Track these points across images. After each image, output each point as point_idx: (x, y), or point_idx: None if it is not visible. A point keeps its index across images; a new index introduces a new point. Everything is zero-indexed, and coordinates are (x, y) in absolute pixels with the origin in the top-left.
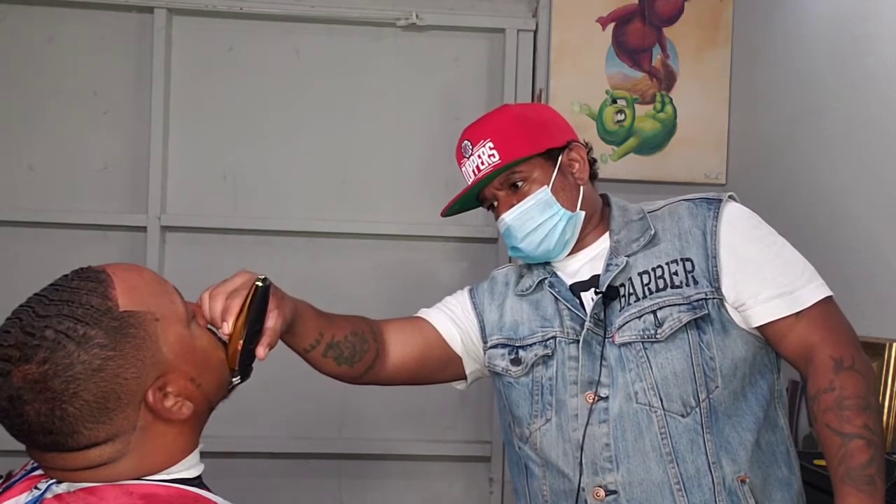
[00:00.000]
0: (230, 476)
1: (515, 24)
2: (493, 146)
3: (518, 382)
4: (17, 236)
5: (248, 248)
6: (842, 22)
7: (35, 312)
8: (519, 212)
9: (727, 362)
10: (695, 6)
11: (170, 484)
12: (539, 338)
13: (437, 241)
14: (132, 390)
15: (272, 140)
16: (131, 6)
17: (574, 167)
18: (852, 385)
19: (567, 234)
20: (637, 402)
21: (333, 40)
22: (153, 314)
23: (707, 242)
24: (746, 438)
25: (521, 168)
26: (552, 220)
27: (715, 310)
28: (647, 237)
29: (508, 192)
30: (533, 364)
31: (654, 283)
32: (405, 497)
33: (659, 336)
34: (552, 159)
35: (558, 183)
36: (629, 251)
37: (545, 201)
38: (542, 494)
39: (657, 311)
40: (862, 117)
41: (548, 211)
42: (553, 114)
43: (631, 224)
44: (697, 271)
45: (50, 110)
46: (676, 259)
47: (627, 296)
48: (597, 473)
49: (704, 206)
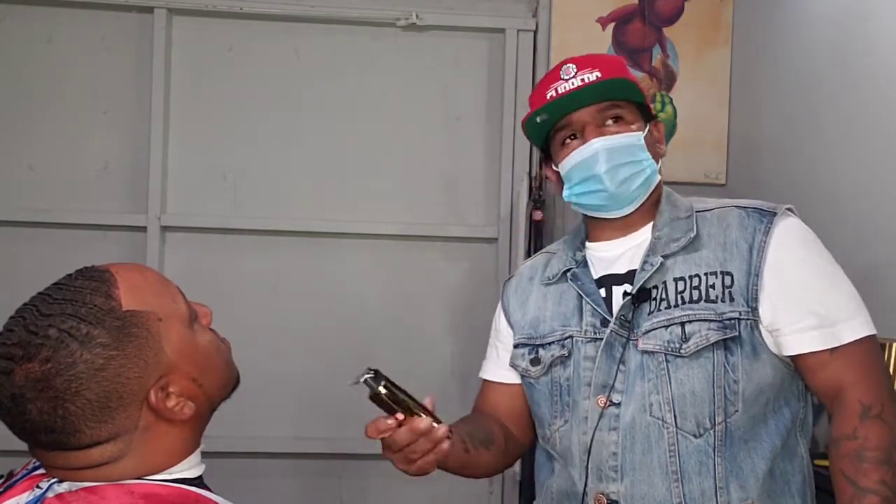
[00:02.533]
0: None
1: (515, 24)
2: (600, 75)
3: (538, 383)
4: (17, 236)
5: (248, 248)
6: (842, 22)
7: (38, 311)
8: (615, 141)
9: (752, 387)
10: (695, 6)
11: (171, 484)
12: (557, 337)
13: (437, 241)
14: (134, 390)
15: (272, 140)
16: (131, 6)
17: (656, 138)
18: (876, 435)
19: (646, 187)
20: (651, 414)
21: (333, 40)
22: (156, 314)
23: (752, 258)
24: (759, 466)
25: (624, 105)
26: (643, 163)
27: (747, 331)
28: (688, 239)
29: (599, 125)
30: (551, 364)
31: (689, 293)
32: (405, 497)
33: (683, 351)
34: (645, 118)
35: (648, 140)
36: (667, 251)
37: (640, 145)
38: (550, 491)
39: (686, 323)
40: (862, 117)
41: (641, 153)
42: None
43: (677, 222)
44: (736, 288)
45: (50, 110)
46: (716, 271)
47: (659, 300)
48: (601, 480)
49: (756, 218)
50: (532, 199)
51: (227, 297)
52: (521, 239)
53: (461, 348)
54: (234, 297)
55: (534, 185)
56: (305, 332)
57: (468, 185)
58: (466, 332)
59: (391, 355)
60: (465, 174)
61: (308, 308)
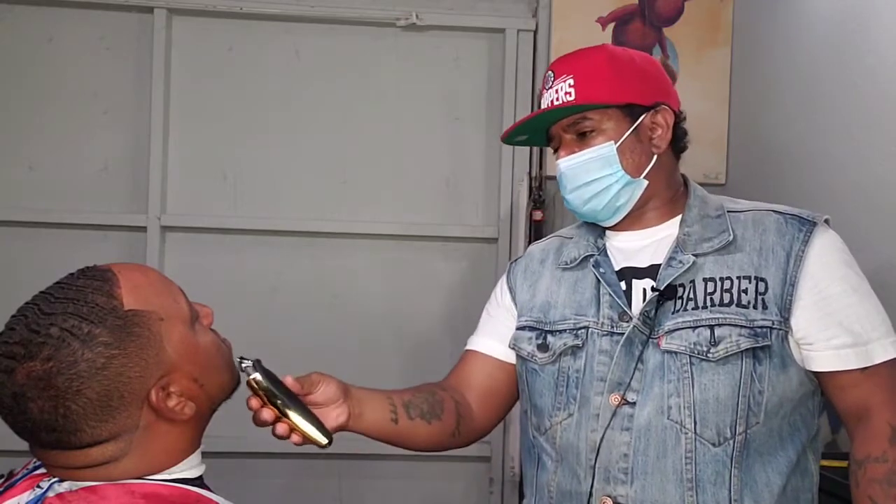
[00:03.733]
0: (230, 476)
1: (515, 24)
2: (572, 84)
3: (543, 370)
4: (17, 236)
5: (248, 248)
6: (842, 22)
7: (40, 310)
8: (575, 161)
9: (775, 399)
10: (695, 6)
11: (171, 484)
12: (571, 325)
13: (437, 241)
14: (135, 389)
15: (272, 140)
16: (131, 6)
17: (655, 132)
18: None
19: (621, 200)
20: (669, 417)
21: (333, 40)
22: (158, 314)
23: (789, 267)
24: (774, 481)
25: (594, 116)
26: (607, 180)
27: (778, 342)
28: (723, 241)
29: (574, 137)
30: (561, 353)
31: (720, 296)
32: (405, 497)
33: (711, 355)
34: (632, 116)
35: (629, 143)
36: (699, 250)
37: (606, 157)
38: (548, 490)
39: (715, 326)
40: (862, 117)
41: (606, 168)
42: (654, 68)
43: (707, 220)
44: (770, 295)
45: (50, 110)
46: (750, 276)
47: (686, 299)
48: (608, 482)
49: (795, 226)
50: (532, 199)
51: (227, 297)
52: (521, 239)
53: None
54: (234, 297)
55: (534, 185)
56: (305, 332)
57: (468, 185)
58: (466, 332)
59: (391, 355)
60: (465, 174)
61: (308, 308)
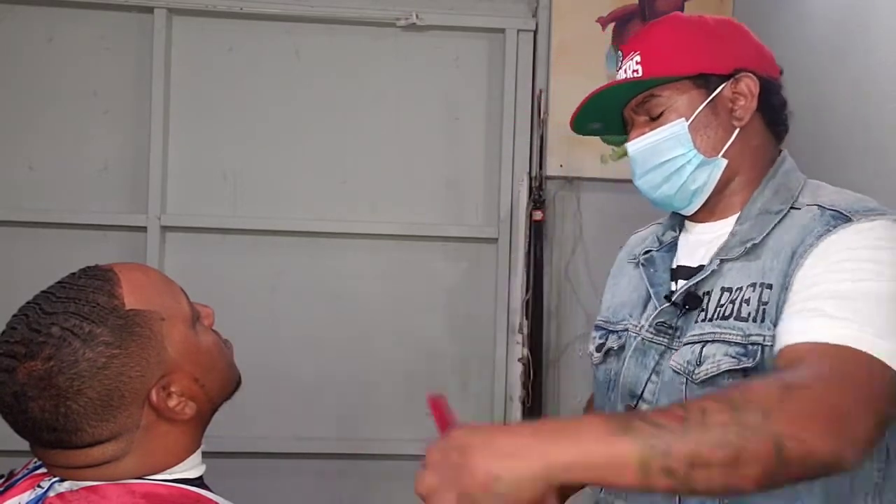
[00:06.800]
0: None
1: (515, 24)
2: (639, 60)
3: (597, 370)
4: (17, 236)
5: (248, 248)
6: (842, 22)
7: (41, 309)
8: (643, 143)
9: None
10: (695, 6)
11: (172, 484)
12: (622, 326)
13: (437, 241)
14: (136, 389)
15: (272, 140)
16: (131, 6)
17: (737, 103)
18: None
19: (697, 182)
20: None
21: (333, 40)
22: (159, 314)
23: (789, 268)
24: None
25: (662, 92)
26: (679, 160)
27: (770, 359)
28: (750, 244)
29: (646, 119)
30: (606, 353)
31: (727, 307)
32: (405, 497)
33: (695, 377)
34: (707, 87)
35: (703, 118)
36: (730, 254)
37: (677, 136)
38: None
39: (708, 343)
40: (862, 117)
41: (677, 148)
42: (731, 30)
43: (763, 217)
44: (771, 304)
45: (50, 110)
46: (756, 283)
47: (706, 310)
48: (609, 492)
49: (824, 221)
50: (532, 199)
51: (227, 298)
52: (521, 239)
53: (461, 348)
54: (234, 297)
55: (534, 185)
56: (305, 332)
57: (468, 185)
58: (466, 332)
59: (391, 355)
60: (465, 174)
61: (308, 308)
